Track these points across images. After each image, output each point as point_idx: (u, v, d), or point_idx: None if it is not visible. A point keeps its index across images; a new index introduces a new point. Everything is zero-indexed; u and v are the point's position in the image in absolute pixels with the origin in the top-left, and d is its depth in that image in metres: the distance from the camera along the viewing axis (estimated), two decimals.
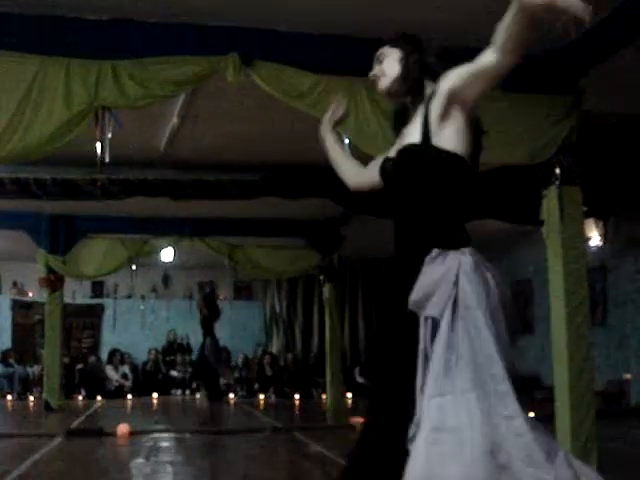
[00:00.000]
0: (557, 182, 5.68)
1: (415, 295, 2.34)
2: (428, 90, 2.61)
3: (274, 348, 16.96)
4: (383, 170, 2.72)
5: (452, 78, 2.46)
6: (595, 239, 11.41)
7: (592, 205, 6.32)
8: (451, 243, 2.41)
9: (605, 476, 5.33)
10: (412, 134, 2.57)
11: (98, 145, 5.15)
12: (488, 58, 2.34)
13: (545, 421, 7.44)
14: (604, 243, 11.47)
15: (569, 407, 5.55)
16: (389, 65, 2.70)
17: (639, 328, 11.01)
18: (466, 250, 2.40)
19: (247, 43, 5.30)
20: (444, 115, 2.48)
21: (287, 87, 5.32)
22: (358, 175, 2.99)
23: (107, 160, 5.21)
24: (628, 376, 11.17)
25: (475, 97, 2.50)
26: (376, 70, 2.75)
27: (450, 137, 2.49)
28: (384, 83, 2.71)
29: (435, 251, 2.37)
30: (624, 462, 6.13)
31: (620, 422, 8.87)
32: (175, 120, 7.09)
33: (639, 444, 7.52)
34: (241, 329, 16.74)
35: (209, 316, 14.18)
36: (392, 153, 2.69)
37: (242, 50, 5.21)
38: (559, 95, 5.69)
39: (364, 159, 3.04)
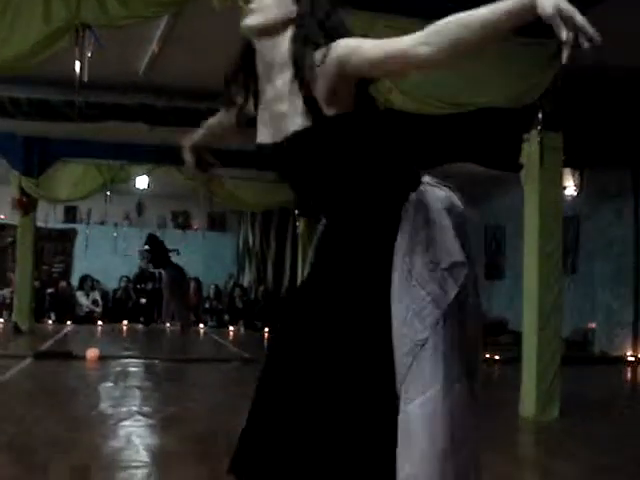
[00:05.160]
0: (539, 127, 5.66)
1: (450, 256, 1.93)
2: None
3: (245, 280, 17.00)
4: (266, 159, 2.11)
5: (349, 49, 1.85)
6: (570, 189, 11.46)
7: (570, 154, 6.32)
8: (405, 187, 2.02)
9: (567, 418, 5.51)
10: (291, 113, 1.96)
11: (77, 64, 5.03)
12: (418, 49, 1.73)
13: (510, 364, 7.60)
14: (579, 194, 11.54)
15: (536, 351, 5.63)
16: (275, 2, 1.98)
17: (607, 279, 11.16)
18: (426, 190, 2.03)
19: None
20: (332, 93, 1.90)
21: None
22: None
23: (85, 80, 5.10)
24: (593, 325, 11.38)
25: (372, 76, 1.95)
26: None
27: (341, 104, 1.93)
28: (259, 19, 1.98)
29: (413, 196, 1.98)
30: (585, 406, 6.29)
31: (583, 369, 9.05)
32: (156, 44, 6.94)
33: (600, 389, 7.70)
34: (213, 260, 16.77)
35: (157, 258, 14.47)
36: (264, 137, 2.07)
37: None
38: (547, 39, 5.61)
39: None
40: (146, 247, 14.56)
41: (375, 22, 5.15)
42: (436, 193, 2.03)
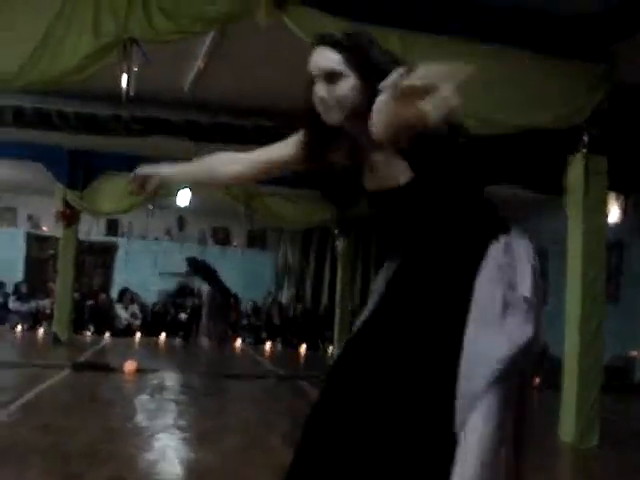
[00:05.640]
0: (584, 150, 5.60)
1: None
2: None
3: (284, 298, 17.03)
4: (373, 204, 2.23)
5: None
6: (614, 214, 11.28)
7: (615, 178, 6.23)
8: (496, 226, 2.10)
9: (605, 448, 5.39)
10: (397, 172, 2.08)
11: (124, 78, 5.09)
12: None
13: (550, 389, 7.47)
14: (623, 219, 11.35)
15: (577, 378, 5.55)
16: (351, 93, 2.02)
17: None
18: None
19: None
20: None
21: None
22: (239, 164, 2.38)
23: (132, 94, 5.16)
24: (635, 353, 11.16)
25: None
26: (326, 94, 2.03)
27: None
28: (340, 116, 2.04)
29: (502, 238, 2.03)
30: (624, 435, 6.16)
31: (622, 397, 8.89)
32: (201, 60, 7.01)
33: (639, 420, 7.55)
34: (252, 277, 16.79)
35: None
36: (373, 185, 2.16)
37: None
38: (594, 62, 5.57)
39: None
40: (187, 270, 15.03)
41: (389, 36, 5.16)
42: (523, 243, 2.08)
